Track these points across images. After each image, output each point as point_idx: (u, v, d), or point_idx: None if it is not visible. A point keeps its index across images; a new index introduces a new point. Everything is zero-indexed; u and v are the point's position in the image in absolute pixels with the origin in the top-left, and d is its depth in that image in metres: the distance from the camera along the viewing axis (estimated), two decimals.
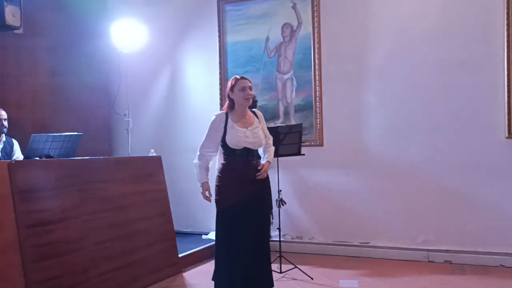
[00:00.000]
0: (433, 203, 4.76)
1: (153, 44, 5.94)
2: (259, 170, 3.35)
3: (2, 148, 4.64)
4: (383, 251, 4.95)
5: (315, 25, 5.24)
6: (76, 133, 4.43)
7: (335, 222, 5.17)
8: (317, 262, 4.82)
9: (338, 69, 5.16)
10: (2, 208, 3.17)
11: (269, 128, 4.46)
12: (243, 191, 3.32)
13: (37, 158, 4.09)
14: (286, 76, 5.43)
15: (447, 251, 4.71)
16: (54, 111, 5.82)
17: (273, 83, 5.49)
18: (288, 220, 5.29)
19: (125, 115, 5.80)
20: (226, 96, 3.48)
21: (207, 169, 3.44)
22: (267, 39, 5.50)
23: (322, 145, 5.25)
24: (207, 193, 3.38)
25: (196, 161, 3.42)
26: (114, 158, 5.49)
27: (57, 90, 5.84)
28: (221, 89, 5.69)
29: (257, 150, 3.48)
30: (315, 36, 5.24)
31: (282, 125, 5.09)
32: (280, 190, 4.45)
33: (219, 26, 5.72)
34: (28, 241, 3.18)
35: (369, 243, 5.04)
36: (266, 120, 5.39)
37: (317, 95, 5.24)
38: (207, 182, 3.40)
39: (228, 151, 3.37)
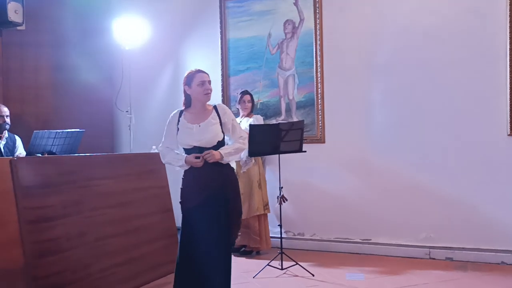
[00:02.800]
0: (435, 200, 4.76)
1: (156, 40, 5.96)
2: (215, 174, 3.01)
3: (5, 144, 4.65)
4: (384, 248, 4.95)
5: (317, 22, 5.23)
6: (78, 129, 4.44)
7: (337, 219, 5.17)
8: (318, 259, 4.82)
9: (340, 66, 5.15)
10: (5, 204, 3.18)
11: (270, 125, 4.46)
12: (201, 194, 3.02)
13: (40, 155, 4.11)
14: (288, 73, 5.42)
15: (448, 248, 4.71)
16: (57, 108, 5.83)
17: (275, 79, 5.48)
18: (290, 217, 5.29)
19: (127, 111, 5.82)
20: (183, 92, 3.17)
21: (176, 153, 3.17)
22: (269, 35, 5.49)
23: (323, 142, 5.24)
24: (193, 158, 3.02)
25: (163, 160, 3.23)
26: (116, 154, 5.52)
27: (59, 87, 5.86)
28: (222, 86, 5.70)
29: (216, 147, 3.07)
30: (317, 33, 5.23)
31: (283, 122, 5.10)
32: (282, 187, 4.46)
33: (221, 23, 5.72)
34: (30, 237, 3.19)
35: (370, 240, 5.04)
36: (268, 117, 5.45)
37: (319, 92, 5.23)
38: (186, 156, 3.07)
39: (185, 152, 3.11)
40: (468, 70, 4.63)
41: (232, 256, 3.17)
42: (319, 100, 5.24)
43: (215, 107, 3.18)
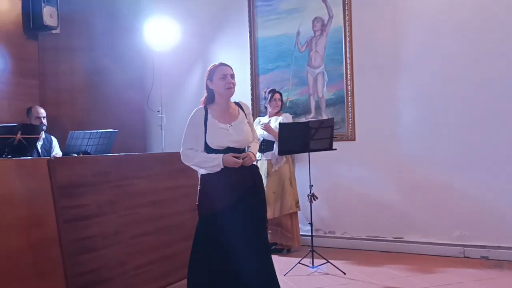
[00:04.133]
0: (468, 198, 4.66)
1: (185, 41, 6.03)
2: (247, 174, 2.86)
3: (42, 145, 4.80)
4: (417, 246, 4.88)
5: (346, 19, 5.19)
6: (112, 129, 4.54)
7: (368, 217, 5.13)
8: (349, 257, 4.80)
9: (370, 62, 5.10)
10: (43, 204, 3.27)
11: (300, 123, 4.46)
12: (227, 197, 2.82)
13: (75, 155, 4.22)
14: (317, 71, 5.40)
15: (483, 246, 4.60)
16: (91, 109, 5.97)
17: (304, 77, 5.47)
18: (320, 215, 5.29)
19: (158, 111, 5.92)
20: (205, 87, 3.00)
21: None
22: (298, 33, 5.48)
23: (354, 139, 5.21)
24: (232, 158, 2.82)
25: (189, 163, 2.96)
26: (148, 154, 5.60)
27: (93, 89, 6.00)
28: (252, 85, 5.72)
29: (244, 149, 2.97)
30: (347, 30, 5.19)
31: (313, 120, 5.08)
32: (312, 185, 4.45)
33: (249, 22, 5.75)
34: (68, 236, 3.27)
35: (402, 238, 4.99)
36: (297, 115, 5.45)
37: (349, 89, 5.20)
38: (222, 154, 2.84)
39: (210, 152, 2.87)
40: (500, 65, 4.51)
41: None
42: (349, 98, 5.20)
43: (238, 105, 3.05)
